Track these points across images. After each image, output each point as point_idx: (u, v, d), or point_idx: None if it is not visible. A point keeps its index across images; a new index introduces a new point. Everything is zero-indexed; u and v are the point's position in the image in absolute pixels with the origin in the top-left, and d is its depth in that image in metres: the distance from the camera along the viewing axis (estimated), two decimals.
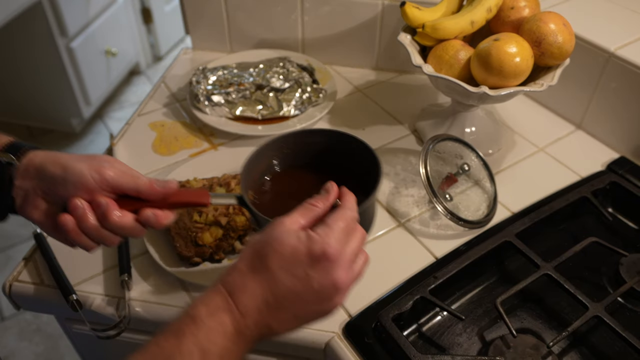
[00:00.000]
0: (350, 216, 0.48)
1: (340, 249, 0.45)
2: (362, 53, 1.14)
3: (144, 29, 2.65)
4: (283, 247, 0.44)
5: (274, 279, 0.44)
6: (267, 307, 0.44)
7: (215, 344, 0.42)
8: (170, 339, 0.42)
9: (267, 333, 0.46)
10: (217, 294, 0.45)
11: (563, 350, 0.68)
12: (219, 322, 0.43)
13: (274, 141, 0.66)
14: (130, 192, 0.52)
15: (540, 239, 0.80)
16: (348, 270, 0.46)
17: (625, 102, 0.91)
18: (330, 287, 0.45)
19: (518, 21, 0.84)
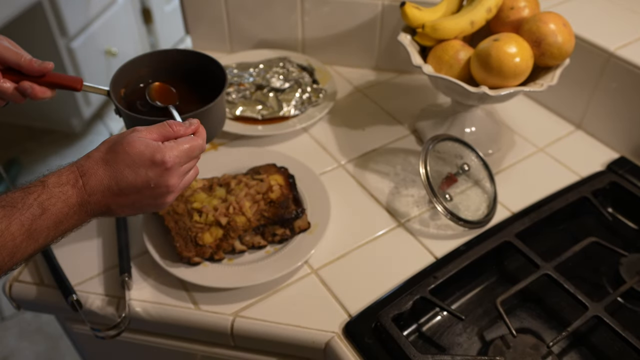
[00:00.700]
0: (198, 144, 0.59)
1: (177, 161, 0.56)
2: (362, 53, 1.14)
3: (144, 29, 2.65)
4: (133, 148, 0.54)
5: (120, 172, 0.54)
6: (110, 192, 0.54)
7: (55, 206, 0.51)
8: (18, 192, 0.51)
9: (106, 212, 0.56)
10: (70, 172, 0.53)
11: (563, 350, 0.68)
12: (64, 192, 0.52)
13: (147, 55, 0.78)
14: (12, 65, 0.62)
15: (540, 239, 0.80)
16: (179, 178, 0.57)
17: (625, 102, 0.91)
18: (163, 188, 0.56)
19: (518, 21, 0.84)
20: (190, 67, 0.79)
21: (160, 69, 0.79)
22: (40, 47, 2.02)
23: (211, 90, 0.75)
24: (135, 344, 0.78)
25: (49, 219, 0.51)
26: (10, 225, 0.49)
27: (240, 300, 0.73)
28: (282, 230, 0.78)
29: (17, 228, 0.49)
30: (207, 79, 0.78)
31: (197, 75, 0.79)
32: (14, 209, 0.49)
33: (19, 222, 0.49)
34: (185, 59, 0.79)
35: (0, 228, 0.48)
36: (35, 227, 0.50)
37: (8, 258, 0.49)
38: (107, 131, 2.39)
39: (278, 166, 0.85)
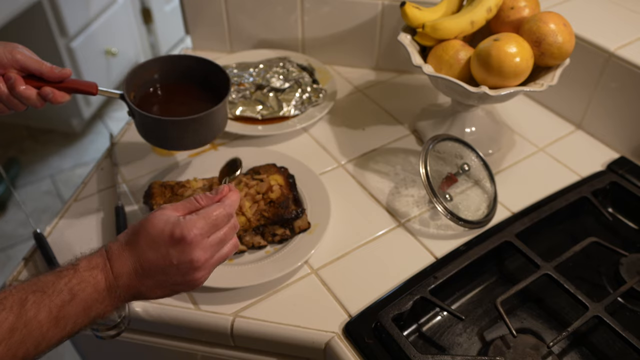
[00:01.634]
0: (223, 211, 0.57)
1: (199, 234, 0.54)
2: (362, 53, 1.14)
3: (144, 29, 2.64)
4: (153, 228, 0.54)
5: (143, 253, 0.53)
6: (135, 274, 0.53)
7: (84, 291, 0.50)
8: (50, 276, 0.50)
9: (138, 295, 0.55)
10: (100, 256, 0.53)
11: (563, 350, 0.68)
12: (94, 277, 0.51)
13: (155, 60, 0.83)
14: (35, 72, 0.66)
15: (540, 239, 0.80)
16: (206, 252, 0.55)
17: (625, 102, 0.91)
18: (188, 264, 0.54)
19: (518, 21, 0.84)
20: (196, 71, 0.84)
21: (167, 73, 0.84)
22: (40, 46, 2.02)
23: (217, 94, 0.80)
24: (135, 344, 0.78)
25: (78, 305, 0.50)
26: (39, 313, 0.47)
27: (240, 300, 0.73)
28: (282, 230, 0.78)
29: (45, 315, 0.48)
30: (212, 83, 0.83)
31: (203, 79, 0.83)
32: (44, 294, 0.48)
33: (47, 309, 0.48)
34: (191, 64, 0.84)
35: (28, 316, 0.47)
36: (64, 314, 0.49)
37: (32, 348, 0.48)
38: (106, 131, 2.39)
39: (278, 166, 0.85)
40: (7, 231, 1.97)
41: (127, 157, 0.94)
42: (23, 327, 0.46)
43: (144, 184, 0.89)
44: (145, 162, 0.93)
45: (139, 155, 0.95)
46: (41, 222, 1.97)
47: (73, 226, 0.83)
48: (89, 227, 0.82)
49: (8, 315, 0.46)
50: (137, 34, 2.57)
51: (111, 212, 0.84)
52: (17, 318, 0.46)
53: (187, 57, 0.85)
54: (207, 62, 0.83)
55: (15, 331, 0.46)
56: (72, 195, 0.88)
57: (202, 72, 0.84)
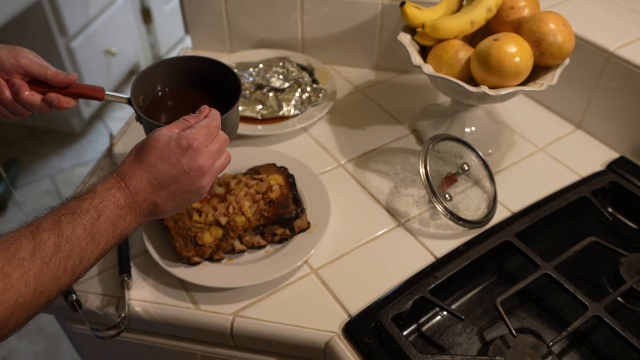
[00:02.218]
0: (213, 124, 0.61)
1: (201, 142, 0.59)
2: (362, 53, 1.14)
3: (144, 29, 2.65)
4: (159, 143, 0.57)
5: (155, 166, 0.57)
6: (151, 187, 0.57)
7: (108, 208, 0.54)
8: (73, 201, 0.54)
9: (154, 210, 0.58)
10: (112, 179, 0.56)
11: (563, 350, 0.68)
12: (113, 195, 0.55)
13: (162, 63, 0.82)
14: (40, 77, 0.66)
15: (540, 239, 0.80)
16: (209, 159, 0.60)
17: (625, 102, 0.91)
18: (197, 170, 0.58)
19: (518, 21, 0.84)
20: (204, 73, 0.82)
21: (176, 76, 0.83)
22: (40, 46, 2.02)
23: (225, 96, 0.78)
24: (135, 344, 0.78)
25: (105, 221, 0.53)
26: (75, 230, 0.51)
27: (240, 300, 0.73)
28: (282, 230, 0.78)
29: (81, 232, 0.51)
30: (221, 85, 0.81)
31: (211, 81, 0.82)
32: (75, 214, 0.52)
33: (81, 226, 0.52)
34: (199, 66, 0.82)
35: (67, 233, 0.50)
36: (96, 230, 0.53)
37: (78, 262, 0.51)
38: (106, 131, 2.39)
39: (278, 166, 0.85)
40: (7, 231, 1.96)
41: None
42: (66, 242, 0.50)
43: None
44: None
45: None
46: None
47: None
48: None
49: (50, 234, 0.49)
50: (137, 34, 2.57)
51: None
52: (59, 236, 0.50)
53: (196, 58, 0.83)
54: (215, 63, 0.82)
55: (60, 247, 0.50)
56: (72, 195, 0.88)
57: (213, 75, 0.82)
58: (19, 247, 0.48)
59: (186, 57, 0.83)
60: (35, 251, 0.48)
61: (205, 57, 0.83)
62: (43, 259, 0.48)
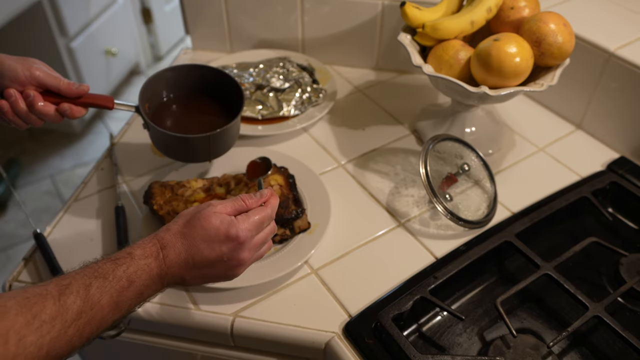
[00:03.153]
0: (267, 214, 0.61)
1: (250, 236, 0.58)
2: (362, 53, 1.14)
3: (144, 29, 2.64)
4: (209, 223, 0.57)
5: (196, 247, 0.56)
6: (186, 265, 0.57)
7: (140, 278, 0.54)
8: (108, 263, 0.53)
9: (180, 282, 0.58)
10: (153, 244, 0.56)
11: (563, 350, 0.68)
12: (148, 264, 0.54)
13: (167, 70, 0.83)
14: (53, 88, 0.68)
15: (540, 239, 0.80)
16: (252, 251, 0.60)
17: (625, 102, 0.91)
18: (235, 261, 0.58)
19: (518, 21, 0.84)
20: (209, 81, 0.84)
21: (180, 83, 0.84)
22: (40, 47, 2.02)
23: (230, 104, 0.81)
24: (135, 344, 0.78)
25: (134, 290, 0.53)
26: (102, 298, 0.50)
27: (240, 300, 0.73)
28: (282, 230, 0.78)
29: (107, 300, 0.51)
30: (226, 94, 0.83)
31: (215, 89, 0.84)
32: (106, 280, 0.51)
33: (109, 295, 0.51)
34: (203, 74, 0.84)
35: (93, 300, 0.50)
36: (123, 299, 0.52)
37: (95, 329, 0.50)
38: (106, 131, 2.39)
39: (278, 166, 0.85)
40: (7, 231, 1.97)
41: (127, 157, 0.94)
42: (89, 309, 0.49)
43: (144, 184, 0.89)
44: (145, 162, 0.93)
45: (139, 155, 0.95)
46: (41, 222, 1.97)
47: (73, 226, 0.83)
48: (89, 227, 0.82)
49: (76, 299, 0.49)
50: (137, 34, 2.57)
51: (111, 212, 0.84)
52: (84, 302, 0.49)
53: (201, 67, 0.85)
54: (221, 74, 0.84)
55: (82, 314, 0.49)
56: (72, 195, 0.88)
57: (216, 83, 0.84)
58: (42, 307, 0.46)
59: (188, 65, 0.85)
60: (57, 315, 0.47)
61: (207, 65, 0.85)
62: (63, 324, 0.47)
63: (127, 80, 2.64)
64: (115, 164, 0.92)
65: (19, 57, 0.68)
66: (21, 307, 0.45)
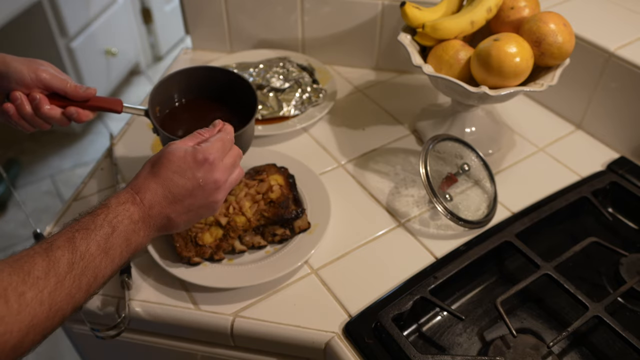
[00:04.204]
0: (226, 138, 0.62)
1: (217, 156, 0.59)
2: (362, 53, 1.14)
3: (144, 29, 2.65)
4: (174, 156, 0.57)
5: (170, 180, 0.57)
6: (166, 201, 0.57)
7: (122, 223, 0.54)
8: (87, 216, 0.53)
9: (167, 223, 0.58)
10: (126, 193, 0.56)
11: (563, 350, 0.68)
12: (126, 209, 0.55)
13: (178, 73, 0.81)
14: (59, 91, 0.67)
15: (540, 239, 0.80)
16: (224, 173, 0.60)
17: (625, 102, 0.91)
18: (212, 184, 0.59)
19: (518, 21, 0.84)
20: (220, 83, 0.82)
21: (191, 86, 0.82)
22: (40, 47, 2.02)
23: (241, 106, 0.79)
24: (135, 344, 0.78)
25: (119, 236, 0.53)
26: (89, 246, 0.51)
27: (240, 300, 0.73)
28: (282, 230, 0.78)
29: (95, 248, 0.51)
30: (236, 95, 0.81)
31: (228, 91, 0.82)
32: (88, 230, 0.52)
33: (95, 242, 0.51)
34: (214, 76, 0.82)
35: (81, 250, 0.50)
36: (110, 245, 0.52)
37: (92, 279, 0.51)
38: (106, 131, 2.39)
39: (278, 166, 0.85)
40: (7, 231, 1.97)
41: (127, 157, 0.94)
42: (80, 260, 0.50)
43: None
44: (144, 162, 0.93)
45: (139, 155, 0.95)
46: (41, 222, 1.97)
47: None
48: None
49: (63, 252, 0.49)
50: (137, 34, 2.57)
51: None
52: (72, 253, 0.49)
53: (213, 69, 0.83)
54: (234, 76, 0.81)
55: (74, 264, 0.49)
56: (72, 195, 0.88)
57: (229, 85, 0.82)
58: (33, 265, 0.47)
59: (199, 67, 0.83)
60: (49, 269, 0.47)
61: (220, 67, 0.84)
62: (57, 277, 0.48)
63: (127, 80, 2.64)
64: (115, 164, 0.92)
65: (26, 58, 0.66)
66: (12, 267, 0.46)
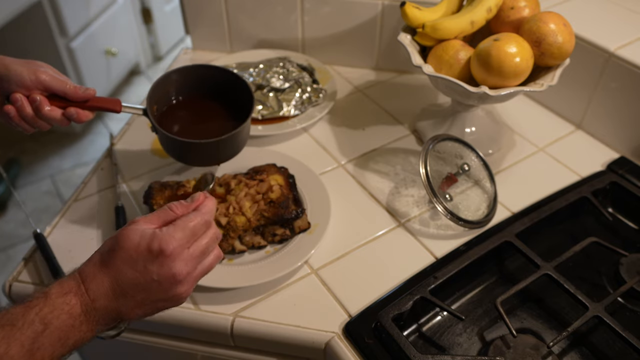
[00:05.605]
0: (201, 219, 0.54)
1: (179, 246, 0.51)
2: (362, 53, 1.14)
3: (144, 29, 2.65)
4: (128, 242, 0.50)
5: (119, 271, 0.50)
6: (113, 294, 0.50)
7: (58, 318, 0.47)
8: (19, 307, 0.47)
9: (117, 317, 0.51)
10: (72, 280, 0.50)
11: (563, 350, 0.68)
12: (67, 302, 0.48)
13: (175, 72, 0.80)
14: (59, 92, 0.67)
15: (540, 239, 0.80)
16: (187, 264, 0.52)
17: (625, 102, 0.91)
18: (170, 278, 0.51)
19: (518, 21, 0.84)
20: (218, 82, 0.82)
21: (188, 85, 0.82)
22: (40, 47, 2.02)
23: (238, 104, 0.79)
24: (135, 344, 0.78)
25: (52, 334, 0.47)
26: (10, 348, 0.45)
27: (240, 300, 0.73)
28: (282, 230, 0.78)
29: (17, 350, 0.45)
30: (233, 93, 0.81)
31: (225, 90, 0.82)
32: (14, 327, 0.46)
33: (19, 343, 0.45)
34: (211, 74, 0.82)
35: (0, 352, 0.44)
36: (38, 346, 0.46)
37: None
38: (106, 131, 2.39)
39: (278, 166, 0.85)
40: (7, 231, 1.97)
41: (127, 157, 0.94)
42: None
43: (144, 184, 0.89)
44: (145, 162, 0.93)
45: (139, 155, 0.95)
46: (41, 222, 1.97)
47: (73, 226, 0.83)
48: (89, 227, 0.82)
49: None
50: (137, 34, 2.57)
51: (111, 212, 0.84)
52: None
53: (210, 67, 0.83)
54: (231, 74, 0.82)
55: None
56: (72, 195, 0.88)
57: (225, 84, 0.82)
58: None
59: (196, 65, 0.83)
60: None
61: (216, 65, 0.83)
62: None
63: (127, 80, 2.64)
64: (115, 164, 0.92)
65: (25, 60, 0.66)
66: None
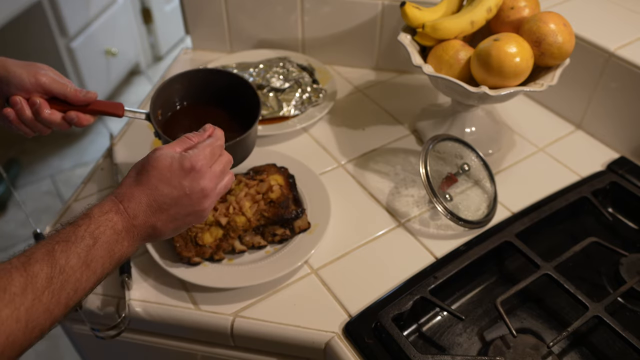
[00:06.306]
0: (216, 144, 0.60)
1: (205, 164, 0.58)
2: (362, 53, 1.14)
3: (144, 29, 2.65)
4: (160, 163, 0.56)
5: (155, 188, 0.55)
6: (151, 210, 0.55)
7: (104, 234, 0.52)
8: (68, 227, 0.52)
9: (153, 233, 0.56)
10: (110, 201, 0.55)
11: (563, 350, 0.68)
12: (109, 219, 0.53)
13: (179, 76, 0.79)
14: (59, 96, 0.66)
15: (540, 239, 0.80)
16: (212, 181, 0.58)
17: (625, 102, 0.91)
18: (199, 192, 0.57)
19: (518, 21, 0.84)
20: (222, 86, 0.81)
21: (192, 89, 0.81)
22: (40, 47, 2.02)
23: (243, 109, 0.78)
24: (135, 344, 0.78)
25: (101, 247, 0.52)
26: (69, 259, 0.49)
27: (240, 300, 0.73)
28: (282, 230, 0.78)
29: (75, 261, 0.50)
30: (238, 98, 0.80)
31: (228, 94, 0.81)
32: (69, 242, 0.50)
33: (76, 255, 0.50)
34: (216, 79, 0.81)
35: (61, 263, 0.49)
36: (91, 257, 0.51)
37: (72, 292, 0.50)
38: (106, 131, 2.39)
39: (278, 166, 0.85)
40: (7, 231, 1.97)
41: (127, 157, 0.94)
42: (59, 274, 0.48)
43: None
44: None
45: (139, 155, 0.94)
46: (41, 222, 1.97)
47: None
48: None
49: (42, 266, 0.47)
50: (137, 34, 2.57)
51: None
52: (51, 267, 0.48)
53: (211, 70, 0.81)
54: (237, 78, 0.81)
55: (53, 279, 0.48)
56: (72, 195, 0.88)
57: (231, 88, 0.80)
58: (10, 280, 0.45)
59: (201, 69, 0.81)
60: (27, 285, 0.46)
61: (222, 69, 0.82)
62: (35, 293, 0.46)
63: (127, 80, 2.64)
64: (115, 164, 0.92)
65: (25, 62, 0.65)
66: None
